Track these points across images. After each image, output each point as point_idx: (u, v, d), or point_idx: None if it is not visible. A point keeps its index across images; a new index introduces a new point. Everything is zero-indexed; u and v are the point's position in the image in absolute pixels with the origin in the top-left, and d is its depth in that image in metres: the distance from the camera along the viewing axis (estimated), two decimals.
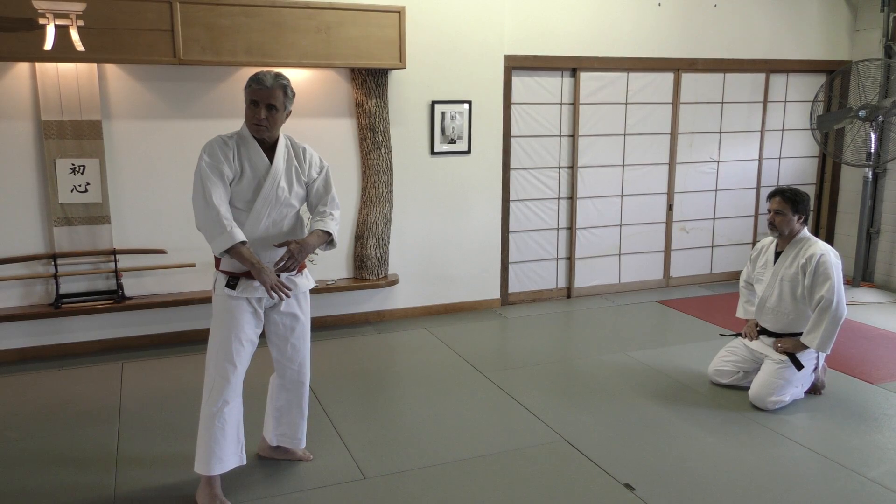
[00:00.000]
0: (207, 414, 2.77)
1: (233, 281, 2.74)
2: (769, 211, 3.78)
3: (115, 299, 4.49)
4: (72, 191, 4.35)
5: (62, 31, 3.91)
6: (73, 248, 4.40)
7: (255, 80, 2.69)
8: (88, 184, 4.37)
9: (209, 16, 4.22)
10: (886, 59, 5.91)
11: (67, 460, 3.19)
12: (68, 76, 4.24)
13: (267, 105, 2.68)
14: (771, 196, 3.79)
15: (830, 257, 3.65)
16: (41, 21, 3.87)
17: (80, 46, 3.93)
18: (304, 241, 2.75)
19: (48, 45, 3.90)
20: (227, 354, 2.75)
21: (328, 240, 2.84)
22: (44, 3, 3.83)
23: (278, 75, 2.71)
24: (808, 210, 3.76)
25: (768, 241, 3.97)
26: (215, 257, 2.78)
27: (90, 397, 3.88)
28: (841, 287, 3.63)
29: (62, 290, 4.42)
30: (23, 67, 4.21)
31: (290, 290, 2.74)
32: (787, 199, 3.71)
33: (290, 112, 2.81)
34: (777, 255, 3.85)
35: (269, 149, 2.80)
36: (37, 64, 4.17)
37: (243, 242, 2.64)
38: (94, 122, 4.34)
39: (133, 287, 4.59)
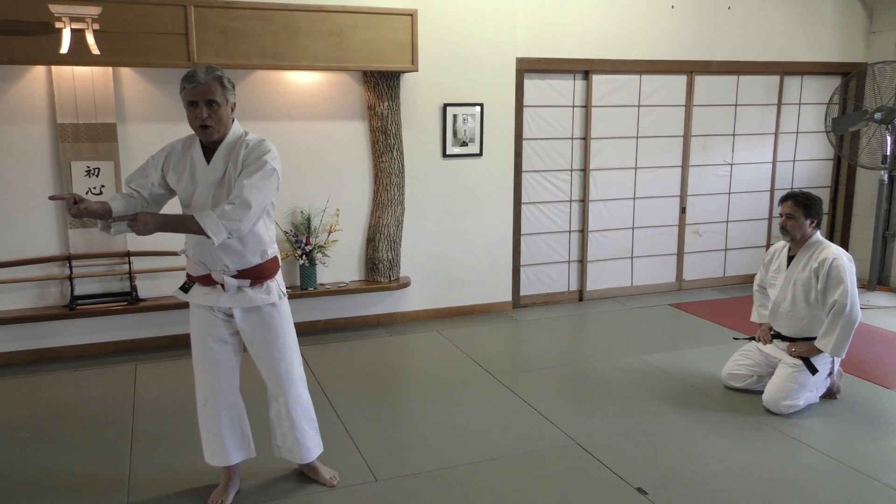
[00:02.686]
0: (198, 413, 2.87)
1: (188, 284, 2.75)
2: (781, 215, 3.76)
3: (129, 301, 4.52)
4: (87, 193, 4.38)
5: (78, 35, 3.95)
6: (87, 250, 4.44)
7: (188, 79, 2.51)
8: (103, 186, 4.41)
9: (223, 19, 4.25)
10: None
11: (80, 461, 3.21)
12: (84, 79, 4.28)
13: (206, 102, 2.50)
14: (783, 200, 3.76)
15: (843, 261, 3.62)
16: (57, 25, 3.92)
17: (95, 50, 3.97)
18: (152, 215, 2.46)
19: (64, 48, 3.94)
20: (197, 355, 2.79)
21: (196, 228, 2.45)
22: (60, 8, 3.88)
23: (210, 68, 2.54)
24: (820, 214, 3.73)
25: (781, 246, 3.94)
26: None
27: (104, 399, 3.91)
28: (854, 291, 3.60)
29: (77, 292, 4.46)
30: (39, 71, 4.25)
31: (63, 198, 2.42)
32: (799, 203, 3.68)
33: (235, 104, 2.63)
34: (790, 259, 3.82)
35: (215, 150, 2.63)
36: (53, 67, 4.21)
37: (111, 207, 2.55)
38: (109, 124, 4.38)
39: (147, 289, 4.62)
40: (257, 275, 2.71)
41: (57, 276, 4.45)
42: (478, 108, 5.20)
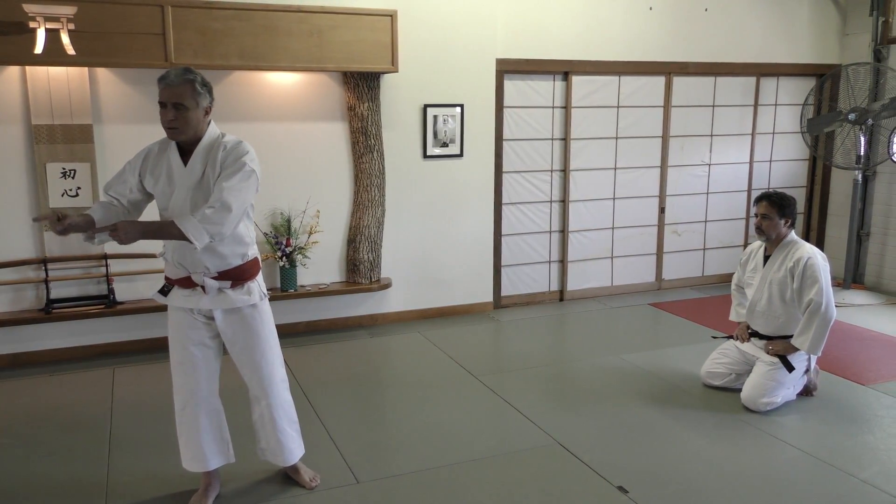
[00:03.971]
0: (177, 418, 2.84)
1: (166, 287, 2.72)
2: (756, 215, 3.80)
3: (107, 304, 4.47)
4: (62, 195, 4.33)
5: (53, 35, 3.90)
6: (63, 253, 4.38)
7: (160, 79, 2.53)
8: (79, 188, 4.36)
9: (201, 19, 4.22)
10: (875, 63, 5.95)
11: (58, 466, 3.17)
12: (59, 80, 4.22)
13: (174, 104, 2.50)
14: (757, 201, 3.81)
15: (818, 260, 3.67)
16: (32, 25, 3.86)
17: (70, 50, 3.92)
18: (132, 223, 2.48)
19: (39, 48, 3.88)
20: (177, 359, 2.76)
21: (177, 234, 2.45)
22: (34, 7, 3.82)
23: (186, 70, 2.54)
24: (794, 214, 3.78)
25: (757, 246, 3.98)
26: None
27: (81, 403, 3.86)
28: (829, 289, 3.65)
29: (53, 295, 4.40)
30: (13, 71, 4.19)
31: (42, 219, 2.46)
32: (774, 204, 3.73)
33: (210, 108, 2.60)
34: (766, 258, 3.87)
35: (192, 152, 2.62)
36: (27, 68, 4.15)
37: (92, 219, 2.53)
38: (85, 125, 4.32)
39: (124, 291, 4.57)
40: (238, 276, 2.69)
41: (32, 279, 4.38)
42: (458, 109, 5.20)
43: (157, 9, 4.12)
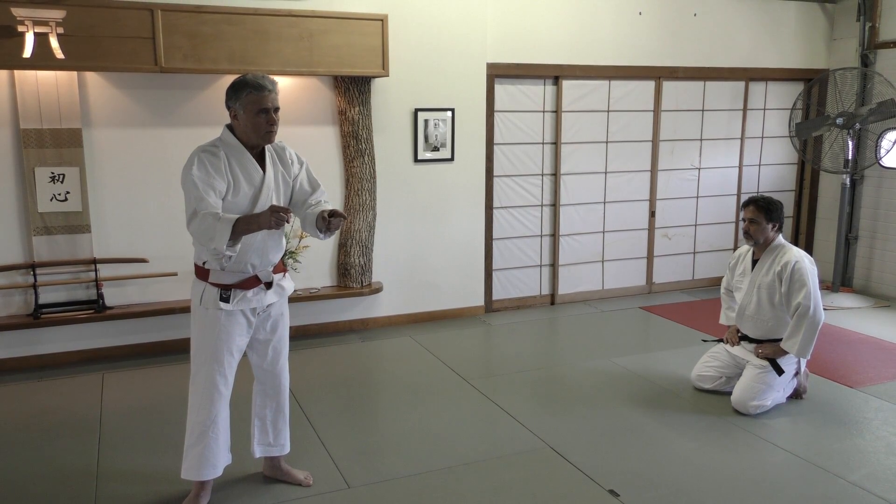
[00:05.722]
0: (200, 427, 2.75)
1: (226, 294, 2.70)
2: (744, 220, 3.82)
3: (96, 309, 4.44)
4: (51, 199, 4.30)
5: (42, 39, 3.88)
6: (52, 258, 4.36)
7: (257, 87, 2.60)
8: (68, 192, 4.33)
9: (191, 23, 4.21)
10: (863, 68, 6.00)
11: (47, 473, 3.14)
12: (48, 84, 4.20)
13: (275, 109, 2.66)
14: (745, 205, 3.83)
15: (805, 264, 3.69)
16: (20, 28, 3.85)
17: (59, 54, 3.90)
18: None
19: (27, 52, 3.86)
20: (219, 367, 2.73)
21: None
22: (23, 11, 3.81)
23: (268, 77, 2.68)
24: (781, 218, 3.80)
25: (745, 250, 4.00)
26: (197, 267, 2.73)
27: (70, 409, 3.83)
28: (817, 293, 3.68)
29: (41, 300, 4.37)
30: (1, 75, 4.16)
31: (288, 211, 2.53)
32: (761, 208, 3.75)
33: None
34: (754, 262, 3.89)
35: (257, 156, 2.72)
36: (16, 71, 4.12)
37: (238, 218, 2.53)
38: (75, 130, 4.30)
39: (114, 296, 4.55)
40: (281, 267, 2.90)
41: (20, 284, 4.35)
42: (449, 113, 5.21)
43: (147, 13, 4.11)
